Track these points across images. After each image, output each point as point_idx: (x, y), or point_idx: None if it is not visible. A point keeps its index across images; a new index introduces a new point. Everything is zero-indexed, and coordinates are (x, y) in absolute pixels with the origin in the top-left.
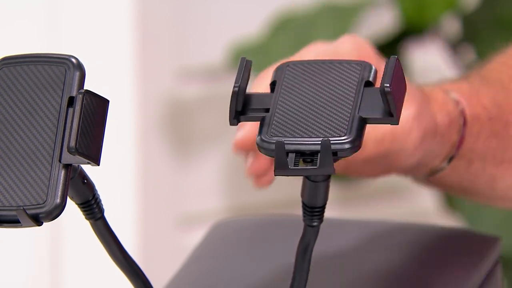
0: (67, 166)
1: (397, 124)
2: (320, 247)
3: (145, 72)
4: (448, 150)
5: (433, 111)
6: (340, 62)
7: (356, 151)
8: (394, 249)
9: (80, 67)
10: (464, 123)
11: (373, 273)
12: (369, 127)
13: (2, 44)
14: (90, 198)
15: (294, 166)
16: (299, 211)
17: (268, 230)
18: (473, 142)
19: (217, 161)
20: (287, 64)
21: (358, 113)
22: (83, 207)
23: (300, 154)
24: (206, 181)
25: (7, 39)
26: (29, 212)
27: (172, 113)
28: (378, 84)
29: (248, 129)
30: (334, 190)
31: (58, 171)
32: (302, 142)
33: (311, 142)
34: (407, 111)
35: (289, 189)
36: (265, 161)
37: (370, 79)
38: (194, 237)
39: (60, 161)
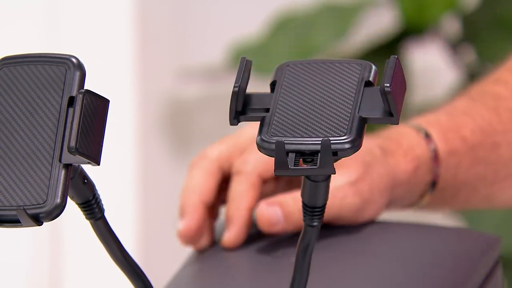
0: (67, 166)
1: (397, 124)
2: (320, 247)
3: (145, 72)
4: (422, 189)
5: (392, 165)
6: (340, 62)
7: (356, 151)
8: (394, 249)
9: (80, 67)
10: (437, 162)
11: (373, 272)
12: (297, 199)
13: (2, 44)
14: (91, 198)
15: (294, 166)
16: None
17: None
18: (454, 175)
19: None
20: (287, 64)
21: (358, 113)
22: (83, 207)
23: (300, 154)
24: None
25: (7, 39)
26: (29, 212)
27: (172, 113)
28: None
29: (190, 218)
30: None
31: (58, 171)
32: (302, 142)
33: (311, 142)
34: (343, 178)
35: None
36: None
37: (370, 79)
38: None
39: (60, 161)
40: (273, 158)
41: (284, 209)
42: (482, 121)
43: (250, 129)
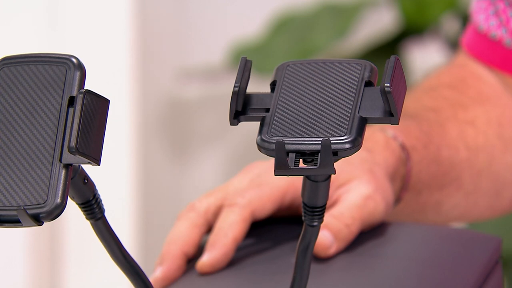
0: (68, 166)
1: (397, 124)
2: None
3: (145, 72)
4: (399, 185)
5: (381, 162)
6: (340, 62)
7: (356, 151)
8: (394, 249)
9: (80, 67)
10: (408, 155)
11: (373, 272)
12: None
13: (2, 44)
14: (91, 198)
15: (294, 166)
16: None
17: (267, 229)
18: (419, 172)
19: (217, 161)
20: (287, 64)
21: (358, 112)
22: (83, 207)
23: (300, 154)
24: (206, 181)
25: (7, 39)
26: (29, 212)
27: (172, 113)
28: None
29: (168, 267)
30: None
31: (59, 171)
32: (302, 142)
33: (312, 142)
34: (366, 187)
35: None
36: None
37: (371, 79)
38: None
39: (60, 161)
40: (269, 198)
41: (332, 229)
42: (422, 125)
43: (238, 180)
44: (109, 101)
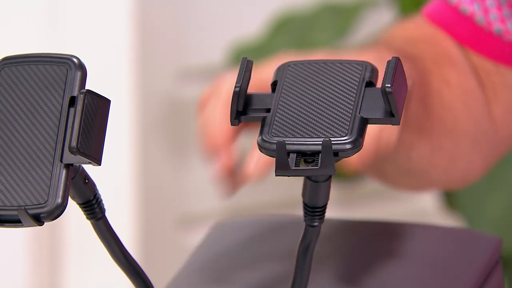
0: (68, 166)
1: (398, 124)
2: (319, 247)
3: (145, 72)
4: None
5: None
6: (341, 62)
7: (357, 151)
8: (394, 249)
9: (81, 67)
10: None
11: (373, 273)
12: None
13: (3, 44)
14: (91, 198)
15: (295, 166)
16: (299, 211)
17: (268, 230)
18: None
19: None
20: (288, 64)
21: (359, 113)
22: (84, 207)
23: (301, 154)
24: (206, 181)
25: (8, 39)
26: (30, 212)
27: (172, 113)
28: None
29: (226, 158)
30: (334, 190)
31: (59, 171)
32: (303, 142)
33: (312, 142)
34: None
35: (289, 189)
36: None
37: (372, 79)
38: (194, 237)
39: (61, 161)
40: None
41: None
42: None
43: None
44: (109, 101)
